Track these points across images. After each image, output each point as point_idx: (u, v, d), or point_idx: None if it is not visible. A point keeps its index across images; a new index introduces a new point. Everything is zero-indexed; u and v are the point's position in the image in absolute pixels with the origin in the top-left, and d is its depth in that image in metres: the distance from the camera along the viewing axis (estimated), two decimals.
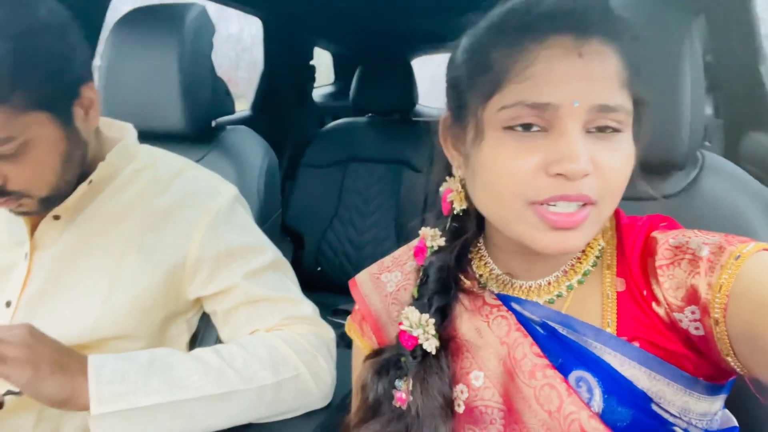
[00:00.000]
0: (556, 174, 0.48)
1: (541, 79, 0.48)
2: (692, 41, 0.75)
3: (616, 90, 0.49)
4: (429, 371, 0.58)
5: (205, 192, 0.86)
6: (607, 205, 0.51)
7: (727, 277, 0.47)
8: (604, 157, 0.49)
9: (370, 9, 2.21)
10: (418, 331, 0.59)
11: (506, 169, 0.50)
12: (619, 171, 0.50)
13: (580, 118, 0.48)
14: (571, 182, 0.48)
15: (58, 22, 0.69)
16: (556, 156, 0.48)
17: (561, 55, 0.48)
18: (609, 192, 0.50)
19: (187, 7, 1.12)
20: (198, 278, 0.82)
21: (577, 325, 0.56)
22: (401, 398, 0.59)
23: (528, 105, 0.49)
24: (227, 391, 0.73)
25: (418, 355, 0.59)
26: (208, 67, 1.17)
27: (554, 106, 0.48)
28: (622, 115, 0.49)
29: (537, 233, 0.51)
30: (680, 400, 0.52)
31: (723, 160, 0.84)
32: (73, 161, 0.75)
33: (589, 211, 0.50)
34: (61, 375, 0.65)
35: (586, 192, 0.49)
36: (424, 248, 0.64)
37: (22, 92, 0.65)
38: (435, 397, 0.57)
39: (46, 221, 0.79)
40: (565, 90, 0.48)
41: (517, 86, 0.49)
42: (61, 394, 0.65)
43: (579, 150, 0.47)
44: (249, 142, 1.22)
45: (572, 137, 0.48)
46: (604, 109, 0.48)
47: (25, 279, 0.79)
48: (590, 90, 0.48)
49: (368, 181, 2.13)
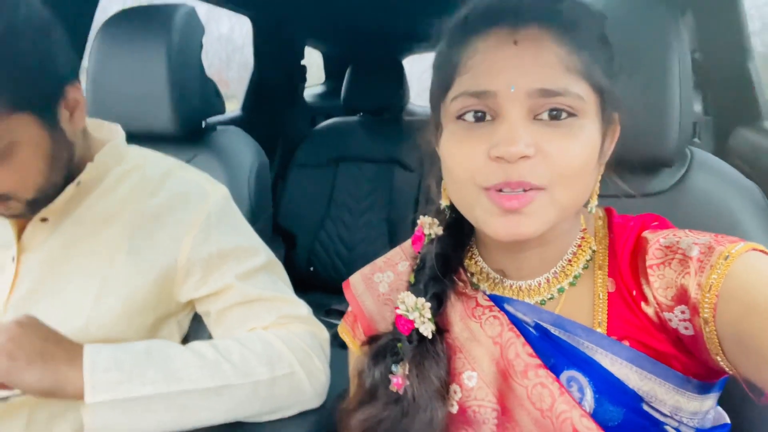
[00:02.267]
0: (497, 158, 0.49)
1: (480, 68, 0.51)
2: (680, 38, 0.75)
3: (559, 75, 0.49)
4: (425, 355, 0.59)
5: (195, 193, 0.85)
6: (560, 191, 0.51)
7: (717, 277, 0.48)
8: (550, 143, 0.49)
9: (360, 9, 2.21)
10: (414, 314, 0.59)
11: (459, 156, 0.53)
12: (569, 156, 0.50)
13: (521, 104, 0.49)
14: (513, 166, 0.49)
15: (40, 22, 0.68)
16: (496, 140, 0.49)
17: (497, 44, 0.51)
18: (559, 176, 0.50)
19: (176, 7, 1.12)
20: (190, 280, 0.82)
21: (569, 325, 0.56)
22: (398, 383, 0.59)
23: (470, 94, 0.51)
24: (222, 385, 0.72)
25: (414, 339, 0.59)
26: (198, 68, 1.16)
27: (492, 93, 0.50)
28: (571, 100, 0.49)
29: (490, 218, 0.52)
30: (671, 399, 0.52)
31: (711, 156, 0.84)
32: (59, 163, 0.74)
33: (535, 195, 0.50)
34: (42, 364, 0.64)
35: (527, 178, 0.49)
36: (422, 236, 0.66)
37: (5, 94, 0.64)
38: (431, 381, 0.58)
39: (33, 224, 0.78)
40: (502, 77, 0.50)
41: (461, 78, 0.52)
42: (42, 383, 0.64)
43: (518, 134, 0.48)
44: (239, 142, 1.22)
45: (512, 122, 0.49)
46: (546, 94, 0.49)
47: (13, 282, 0.78)
48: (527, 75, 0.49)
49: (360, 180, 2.13)
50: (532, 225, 0.51)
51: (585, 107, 0.50)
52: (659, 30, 0.75)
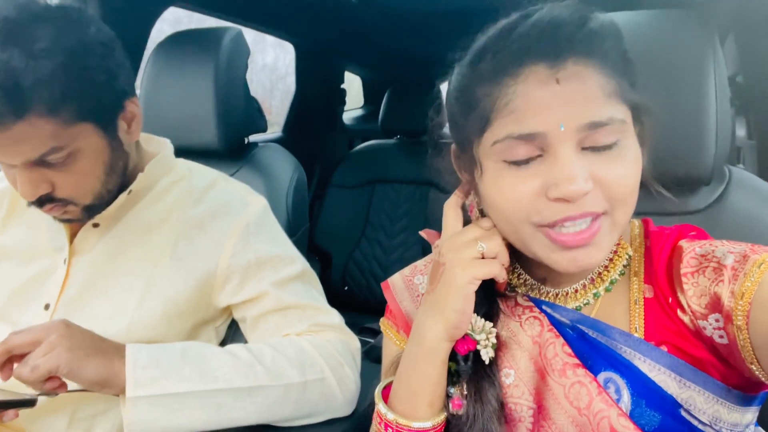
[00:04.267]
0: (556, 198, 0.49)
1: (523, 111, 0.49)
2: (717, 56, 0.75)
3: (603, 104, 0.49)
4: (482, 377, 0.59)
5: (236, 203, 0.89)
6: (620, 213, 0.51)
7: (750, 285, 0.47)
8: (604, 170, 0.49)
9: (399, 35, 2.25)
10: (480, 336, 0.59)
11: (509, 197, 0.52)
12: (624, 179, 0.50)
13: (571, 140, 0.49)
14: (573, 203, 0.49)
15: (106, 40, 0.74)
16: (553, 180, 0.49)
17: (538, 84, 0.49)
18: (618, 201, 0.50)
19: (224, 30, 1.18)
20: (228, 286, 0.85)
21: (607, 329, 0.56)
22: (458, 404, 0.59)
23: (516, 137, 0.49)
24: (255, 386, 0.74)
25: (470, 360, 0.60)
26: (242, 87, 1.22)
27: (542, 135, 0.49)
28: (615, 127, 0.49)
29: (552, 254, 0.52)
30: (711, 408, 0.51)
31: (750, 175, 0.83)
32: (115, 171, 0.79)
33: (600, 223, 0.50)
34: (98, 357, 0.68)
35: (589, 209, 0.49)
36: None
37: (72, 104, 0.69)
38: (490, 402, 0.58)
39: (85, 228, 0.83)
40: (549, 117, 0.48)
41: (503, 120, 0.50)
42: (100, 374, 0.68)
43: (574, 171, 0.48)
44: (279, 158, 1.26)
45: (566, 160, 0.48)
46: (594, 126, 0.48)
47: (64, 283, 0.82)
48: (574, 111, 0.48)
49: (396, 201, 2.15)
50: (599, 253, 0.51)
51: (628, 128, 0.51)
52: (695, 47, 0.75)
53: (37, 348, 0.66)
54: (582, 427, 0.54)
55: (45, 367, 0.64)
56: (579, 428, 0.54)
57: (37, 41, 0.65)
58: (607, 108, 0.49)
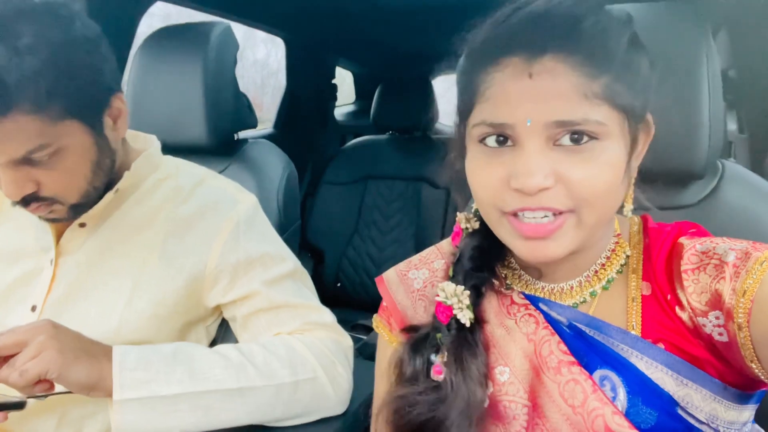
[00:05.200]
0: (515, 189, 0.50)
1: (497, 100, 0.51)
2: (710, 52, 0.74)
3: (577, 104, 0.48)
4: (463, 344, 0.59)
5: (225, 201, 0.87)
6: (586, 213, 0.50)
7: (752, 282, 0.47)
8: (570, 170, 0.49)
9: (391, 30, 2.24)
10: (453, 300, 0.60)
11: (479, 180, 0.54)
12: (590, 180, 0.49)
13: (538, 135, 0.49)
14: (532, 197, 0.49)
15: (91, 36, 0.72)
16: (515, 171, 0.50)
17: (513, 76, 0.50)
18: (583, 201, 0.49)
19: (213, 25, 1.16)
20: (218, 286, 0.84)
21: (604, 327, 0.56)
22: (439, 370, 0.60)
23: (488, 124, 0.52)
24: (246, 386, 0.74)
25: (453, 328, 0.60)
26: (232, 83, 1.20)
27: (510, 126, 0.50)
28: (591, 126, 0.48)
29: (515, 241, 0.53)
30: (708, 406, 0.51)
31: (743, 169, 0.83)
32: (102, 169, 0.77)
33: (564, 220, 0.50)
34: (87, 359, 0.67)
35: (548, 204, 0.49)
36: (460, 232, 0.67)
37: (57, 102, 0.67)
38: (470, 369, 0.58)
39: (71, 228, 0.81)
40: (518, 110, 0.49)
41: (480, 106, 0.52)
42: (90, 378, 0.66)
43: (533, 167, 0.48)
44: (269, 154, 1.25)
45: (529, 154, 0.49)
46: (563, 125, 0.48)
47: (50, 284, 0.81)
48: (543, 108, 0.48)
49: (388, 197, 2.15)
50: (558, 248, 0.51)
51: (607, 130, 0.49)
52: (688, 42, 0.75)
53: (23, 349, 0.64)
54: (576, 426, 0.53)
55: (35, 371, 0.63)
56: (573, 426, 0.54)
57: (21, 37, 0.64)
58: (582, 109, 0.48)
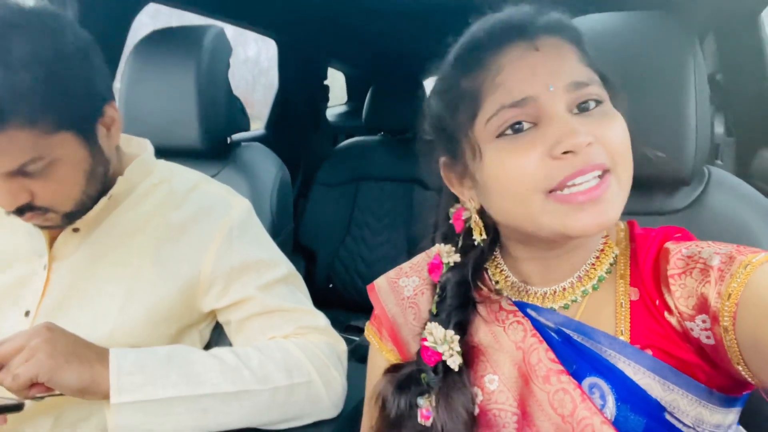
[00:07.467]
0: (562, 153, 0.50)
1: (511, 81, 0.53)
2: (697, 58, 0.75)
3: (582, 67, 0.54)
4: (452, 387, 0.59)
5: (219, 206, 0.88)
6: (622, 171, 0.52)
7: (737, 286, 0.48)
8: (597, 128, 0.51)
9: (382, 31, 2.25)
10: (443, 347, 0.60)
11: (514, 169, 0.52)
12: (617, 135, 0.52)
13: (561, 100, 0.52)
14: (580, 156, 0.50)
15: (83, 46, 0.72)
16: (555, 139, 0.50)
17: (521, 55, 0.53)
18: (619, 155, 0.52)
19: (205, 28, 1.16)
20: (212, 291, 0.84)
21: (592, 332, 0.56)
22: (426, 415, 0.59)
23: (508, 106, 0.52)
24: (242, 390, 0.74)
25: (440, 371, 0.60)
26: (225, 86, 1.20)
27: (533, 98, 0.52)
28: (595, 88, 0.53)
29: (568, 219, 0.51)
30: (694, 410, 0.52)
31: (729, 175, 0.84)
32: (96, 177, 0.78)
33: (609, 179, 0.51)
34: (78, 364, 0.67)
35: (596, 160, 0.50)
36: (439, 264, 0.66)
37: (51, 115, 0.67)
38: (459, 412, 0.58)
39: (65, 234, 0.81)
40: (537, 80, 0.52)
41: (492, 96, 0.53)
42: (81, 382, 0.67)
43: (573, 125, 0.50)
44: (262, 158, 1.25)
45: (562, 117, 0.51)
46: (578, 86, 0.52)
47: (44, 289, 0.81)
48: (558, 73, 0.52)
49: (380, 198, 2.15)
50: (612, 210, 0.51)
51: (604, 93, 0.54)
52: (675, 49, 0.76)
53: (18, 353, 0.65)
54: None
55: (26, 376, 0.64)
56: None
57: (13, 52, 0.63)
58: (587, 72, 0.54)
